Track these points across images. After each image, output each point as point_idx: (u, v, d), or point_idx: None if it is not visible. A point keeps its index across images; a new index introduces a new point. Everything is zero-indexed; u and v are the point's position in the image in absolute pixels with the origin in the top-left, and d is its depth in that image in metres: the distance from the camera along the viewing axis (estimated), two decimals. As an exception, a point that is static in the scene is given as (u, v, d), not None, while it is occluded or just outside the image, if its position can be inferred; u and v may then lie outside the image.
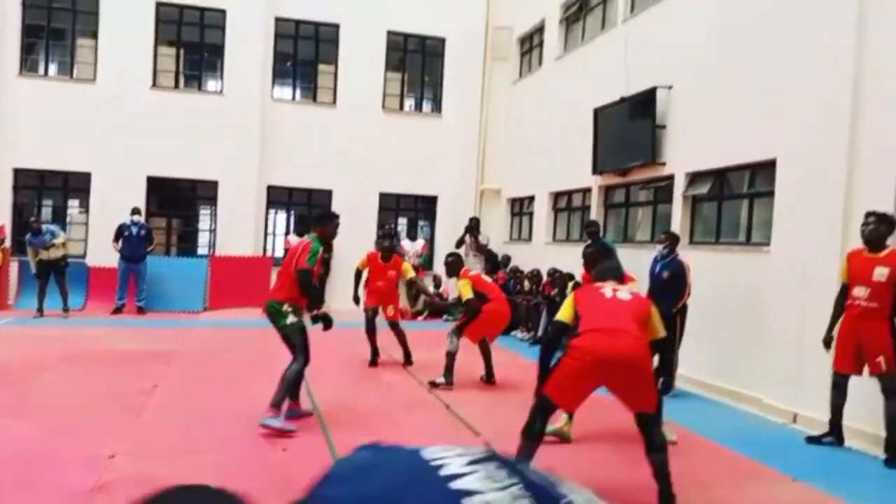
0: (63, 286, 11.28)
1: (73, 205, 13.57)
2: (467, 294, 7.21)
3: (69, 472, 4.39)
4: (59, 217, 13.34)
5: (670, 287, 7.28)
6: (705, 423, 6.24)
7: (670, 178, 8.82)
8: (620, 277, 4.83)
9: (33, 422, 5.41)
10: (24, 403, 5.93)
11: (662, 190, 9.13)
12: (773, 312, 6.76)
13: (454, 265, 7.72)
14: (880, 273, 5.27)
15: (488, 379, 7.61)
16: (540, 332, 10.59)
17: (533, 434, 4.25)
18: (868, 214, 5.39)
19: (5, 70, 12.56)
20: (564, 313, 4.49)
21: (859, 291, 5.38)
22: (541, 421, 4.31)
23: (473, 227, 13.52)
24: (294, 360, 5.60)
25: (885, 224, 5.33)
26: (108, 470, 4.42)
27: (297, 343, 5.62)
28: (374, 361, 8.24)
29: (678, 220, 8.59)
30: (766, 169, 7.29)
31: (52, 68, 13.56)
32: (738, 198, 8.04)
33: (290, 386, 5.58)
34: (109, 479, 4.27)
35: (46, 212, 13.31)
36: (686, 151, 8.55)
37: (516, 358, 9.37)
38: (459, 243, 13.32)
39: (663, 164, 8.93)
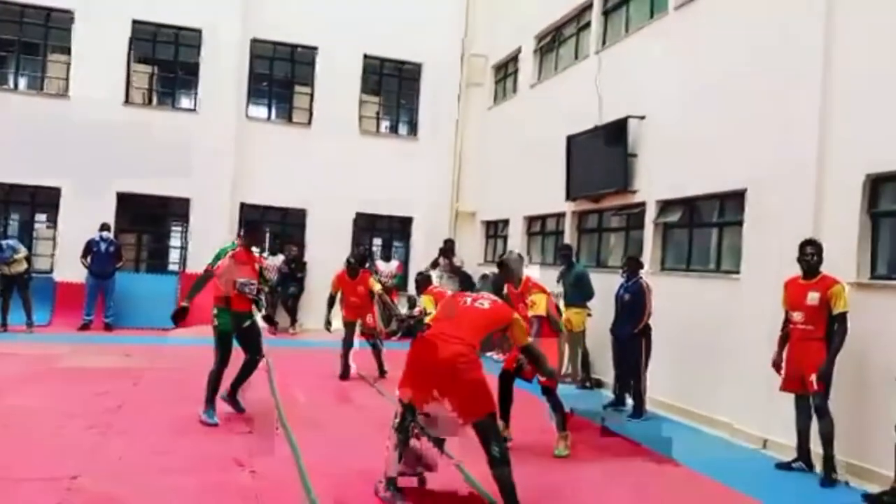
0: (27, 300, 11.05)
1: (41, 219, 13.30)
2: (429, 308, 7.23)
3: (30, 493, 4.28)
4: (26, 231, 13.06)
5: (631, 309, 7.67)
6: (677, 448, 6.28)
7: (642, 205, 8.98)
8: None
9: (-6, 441, 5.27)
10: (-16, 422, 5.77)
11: (634, 217, 9.28)
12: (743, 338, 6.88)
13: (422, 283, 8.48)
14: (812, 298, 5.63)
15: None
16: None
17: (401, 429, 4.47)
18: (806, 244, 5.74)
19: (-27, 83, 12.36)
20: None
21: (797, 316, 5.75)
22: (410, 416, 4.42)
23: (448, 248, 13.58)
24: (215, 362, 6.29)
25: (819, 253, 5.70)
26: (71, 490, 4.32)
27: (216, 346, 6.35)
28: (344, 375, 8.73)
29: (650, 246, 8.74)
30: (735, 198, 7.47)
31: (22, 82, 13.36)
32: (708, 226, 8.20)
33: (210, 386, 6.25)
34: (72, 501, 4.18)
35: (13, 226, 13.03)
36: (657, 180, 8.72)
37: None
38: (434, 265, 13.40)
39: (635, 191, 9.09)
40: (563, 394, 8.35)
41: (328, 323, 8.95)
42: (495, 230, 14.29)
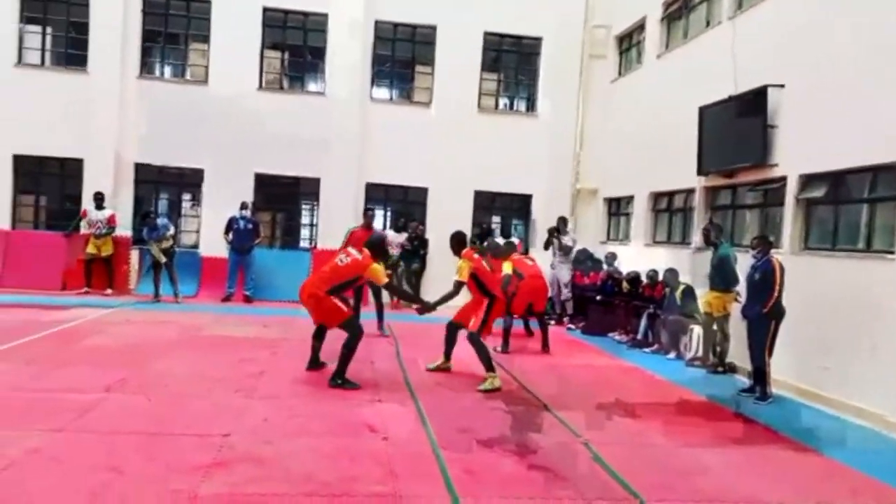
0: (172, 274, 12.04)
1: (187, 198, 14.39)
2: (507, 271, 7.80)
3: (189, 447, 4.67)
4: (174, 210, 14.19)
5: (760, 289, 7.27)
6: (820, 437, 5.94)
7: (782, 179, 8.42)
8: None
9: (155, 399, 5.81)
10: (145, 382, 6.36)
11: (773, 192, 8.72)
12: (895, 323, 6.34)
13: (503, 250, 9.32)
14: None
15: (543, 347, 9.38)
16: (639, 335, 10.36)
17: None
18: None
19: (126, 73, 13.46)
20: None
21: None
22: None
23: (558, 227, 13.37)
24: None
25: None
26: (224, 448, 4.69)
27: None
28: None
29: (790, 223, 8.20)
30: (889, 172, 6.85)
31: (168, 70, 14.41)
32: (857, 202, 7.56)
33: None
34: (226, 456, 4.53)
35: (162, 205, 14.17)
36: (800, 152, 8.13)
37: (614, 360, 9.23)
38: (547, 245, 13.20)
39: (775, 165, 8.53)
40: (693, 378, 8.18)
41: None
42: (618, 207, 13.91)
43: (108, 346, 7.95)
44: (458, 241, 7.61)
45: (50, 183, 13.32)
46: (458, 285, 7.19)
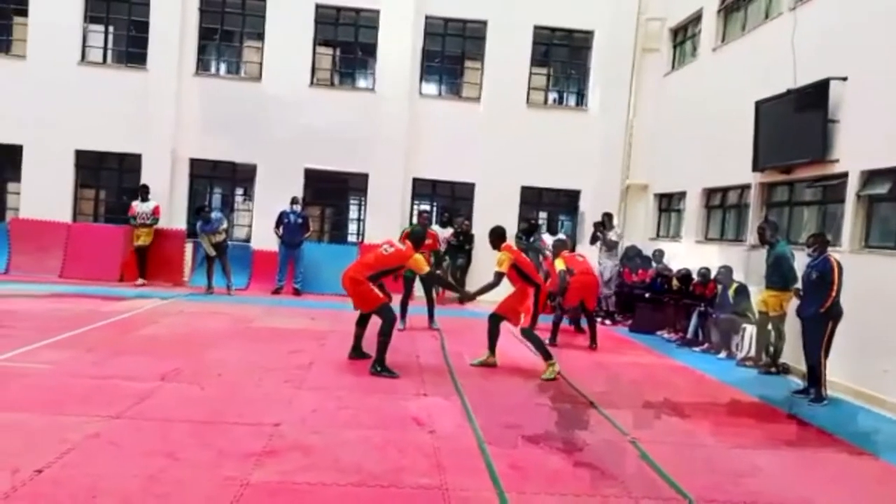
0: (226, 266, 12.32)
1: (239, 193, 14.71)
2: (560, 267, 9.14)
3: (241, 436, 4.78)
4: (227, 204, 14.53)
5: (817, 288, 7.03)
6: (878, 441, 5.73)
7: (843, 176, 8.13)
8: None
9: (208, 389, 5.97)
10: (199, 371, 6.53)
11: (832, 189, 8.43)
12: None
13: (556, 248, 9.78)
14: None
15: (591, 343, 9.38)
16: (689, 334, 10.16)
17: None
18: None
19: (183, 70, 13.83)
20: None
21: None
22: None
23: (603, 223, 13.21)
24: None
25: None
26: (274, 437, 4.79)
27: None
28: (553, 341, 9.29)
29: (850, 221, 7.91)
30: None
31: (223, 68, 14.74)
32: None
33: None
34: (277, 445, 4.62)
35: (216, 199, 14.53)
36: (862, 147, 7.83)
37: (663, 359, 9.08)
38: (593, 240, 13.06)
39: (835, 160, 8.23)
40: (744, 378, 7.99)
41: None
42: (669, 203, 13.64)
43: (163, 335, 8.21)
44: (497, 236, 7.73)
45: (109, 177, 13.79)
46: (499, 276, 7.38)
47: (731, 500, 4.21)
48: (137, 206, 12.80)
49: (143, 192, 12.93)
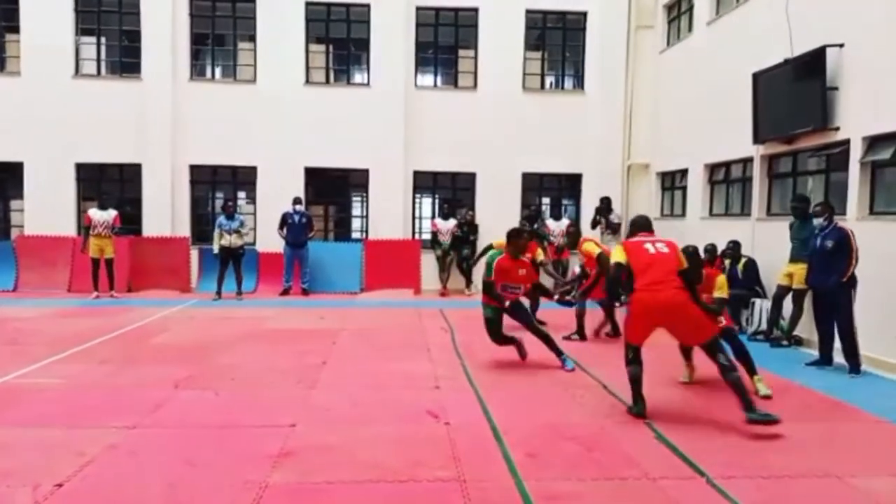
0: (239, 273, 12.32)
1: (241, 196, 14.72)
2: (598, 250, 8.38)
3: (257, 438, 4.80)
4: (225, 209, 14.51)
5: (836, 257, 6.96)
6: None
7: (845, 143, 8.07)
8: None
9: (222, 393, 5.99)
10: (212, 377, 6.56)
11: (835, 157, 8.37)
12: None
13: (574, 236, 9.22)
14: None
15: (615, 333, 8.74)
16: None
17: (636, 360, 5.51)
18: None
19: (178, 77, 13.81)
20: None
21: None
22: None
23: (604, 207, 13.21)
24: None
25: None
26: (291, 438, 4.80)
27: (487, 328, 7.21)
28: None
29: (855, 188, 7.86)
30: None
31: (218, 72, 14.72)
32: (928, 161, 7.21)
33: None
34: (294, 446, 4.64)
35: (219, 204, 14.54)
36: (864, 113, 7.77)
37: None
38: (594, 224, 13.13)
39: (836, 128, 8.18)
40: (757, 352, 7.98)
41: (470, 281, 9.02)
42: (672, 182, 13.58)
43: (175, 343, 8.24)
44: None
45: (111, 189, 13.79)
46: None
47: (749, 475, 4.21)
48: (94, 215, 12.07)
49: (101, 199, 12.40)
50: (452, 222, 13.77)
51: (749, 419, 4.95)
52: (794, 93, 8.77)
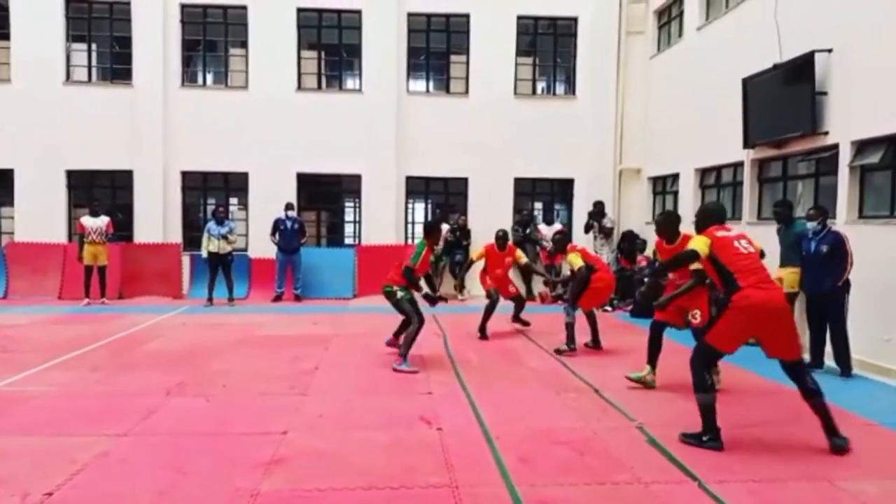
0: (229, 278, 12.28)
1: (233, 202, 14.69)
2: (579, 264, 8.05)
3: (248, 445, 4.79)
4: (216, 215, 14.47)
5: (831, 262, 6.99)
6: (887, 412, 5.74)
7: (834, 147, 8.13)
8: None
9: (214, 400, 5.97)
10: (204, 384, 6.54)
11: (825, 161, 8.44)
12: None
13: (561, 242, 8.76)
14: None
15: (595, 345, 8.44)
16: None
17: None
18: None
19: (169, 83, 13.79)
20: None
21: None
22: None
23: (597, 212, 13.27)
24: (412, 323, 7.31)
25: None
26: (282, 444, 4.79)
27: (409, 310, 7.34)
28: (483, 335, 9.14)
29: (845, 192, 7.92)
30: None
31: (209, 78, 14.71)
32: (916, 166, 7.27)
33: (410, 342, 7.27)
34: (285, 453, 4.63)
35: (210, 210, 14.50)
36: (852, 118, 7.84)
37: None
38: (587, 229, 13.19)
39: (825, 133, 8.24)
40: (748, 354, 8.00)
41: (462, 283, 9.25)
42: (663, 186, 13.64)
43: (167, 350, 8.20)
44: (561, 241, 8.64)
45: (102, 196, 13.71)
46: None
47: (740, 479, 4.23)
48: (87, 222, 12.05)
49: (92, 206, 12.35)
50: (445, 228, 13.77)
51: (835, 445, 4.70)
52: (784, 98, 8.83)
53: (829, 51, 8.14)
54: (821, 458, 4.67)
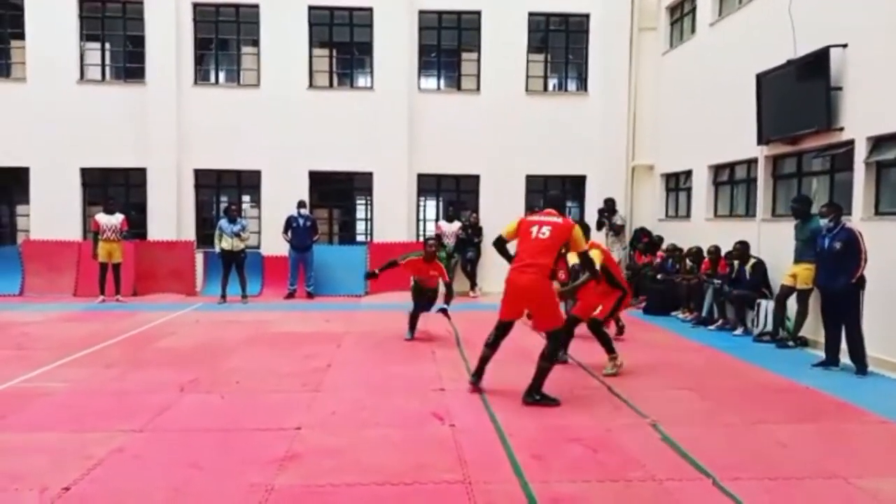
0: (242, 276, 12.34)
1: (246, 200, 14.76)
2: (598, 261, 7.25)
3: (262, 442, 4.80)
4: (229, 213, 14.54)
5: (844, 258, 6.92)
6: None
7: (849, 143, 8.06)
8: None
9: (228, 396, 6.00)
10: (217, 380, 6.57)
11: (840, 157, 8.36)
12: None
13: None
14: None
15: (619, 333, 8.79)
16: (704, 312, 10.12)
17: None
18: None
19: (182, 81, 13.87)
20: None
21: None
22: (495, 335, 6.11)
23: (608, 208, 13.22)
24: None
25: None
26: (296, 441, 4.81)
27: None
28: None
29: (860, 189, 7.85)
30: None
31: (222, 76, 14.76)
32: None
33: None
34: (299, 449, 4.64)
35: (223, 208, 14.57)
36: (868, 113, 7.77)
37: (678, 339, 9.05)
38: (599, 226, 13.15)
39: (841, 129, 8.17)
40: (762, 353, 7.97)
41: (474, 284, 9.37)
42: (676, 183, 13.56)
43: (180, 347, 8.26)
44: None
45: (116, 194, 13.81)
46: (595, 271, 6.51)
47: (755, 477, 4.20)
48: (102, 219, 12.16)
49: (107, 204, 12.45)
50: (457, 225, 13.79)
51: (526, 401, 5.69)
52: (798, 93, 8.76)
53: (845, 46, 8.06)
54: (836, 455, 4.64)
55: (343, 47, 14.67)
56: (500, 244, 6.11)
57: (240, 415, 5.47)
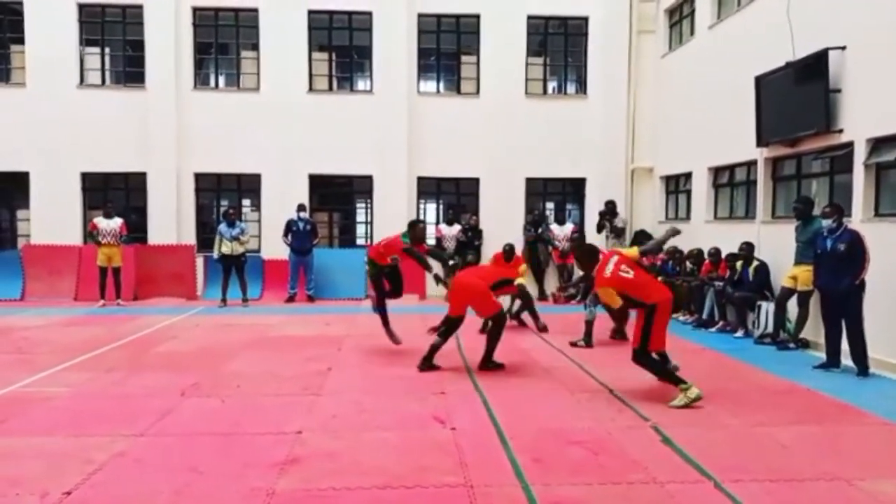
0: (242, 279, 12.36)
1: (246, 204, 14.76)
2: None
3: (263, 445, 4.81)
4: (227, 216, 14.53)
5: (849, 260, 6.89)
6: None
7: (849, 145, 8.06)
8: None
9: (228, 400, 6.00)
10: (218, 384, 6.57)
11: (840, 159, 8.37)
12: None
13: (588, 253, 8.36)
14: None
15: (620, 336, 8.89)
16: (705, 314, 10.12)
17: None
18: None
19: (182, 86, 13.89)
20: None
21: None
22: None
23: (609, 211, 13.23)
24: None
25: None
26: (297, 444, 4.81)
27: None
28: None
29: (860, 190, 7.85)
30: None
31: (221, 80, 14.78)
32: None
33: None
34: (300, 452, 4.64)
35: (222, 212, 14.59)
36: (867, 115, 7.77)
37: (679, 341, 9.03)
38: (600, 228, 13.16)
39: (840, 130, 8.17)
40: (763, 355, 7.97)
41: None
42: (676, 185, 13.57)
43: (181, 351, 8.26)
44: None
45: (116, 198, 13.83)
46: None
47: (757, 479, 4.20)
48: (100, 223, 12.15)
49: (106, 208, 12.43)
50: (457, 228, 13.79)
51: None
52: (797, 95, 8.76)
53: (843, 48, 8.07)
54: (838, 457, 4.64)
55: (342, 51, 14.69)
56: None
57: (241, 418, 5.47)
